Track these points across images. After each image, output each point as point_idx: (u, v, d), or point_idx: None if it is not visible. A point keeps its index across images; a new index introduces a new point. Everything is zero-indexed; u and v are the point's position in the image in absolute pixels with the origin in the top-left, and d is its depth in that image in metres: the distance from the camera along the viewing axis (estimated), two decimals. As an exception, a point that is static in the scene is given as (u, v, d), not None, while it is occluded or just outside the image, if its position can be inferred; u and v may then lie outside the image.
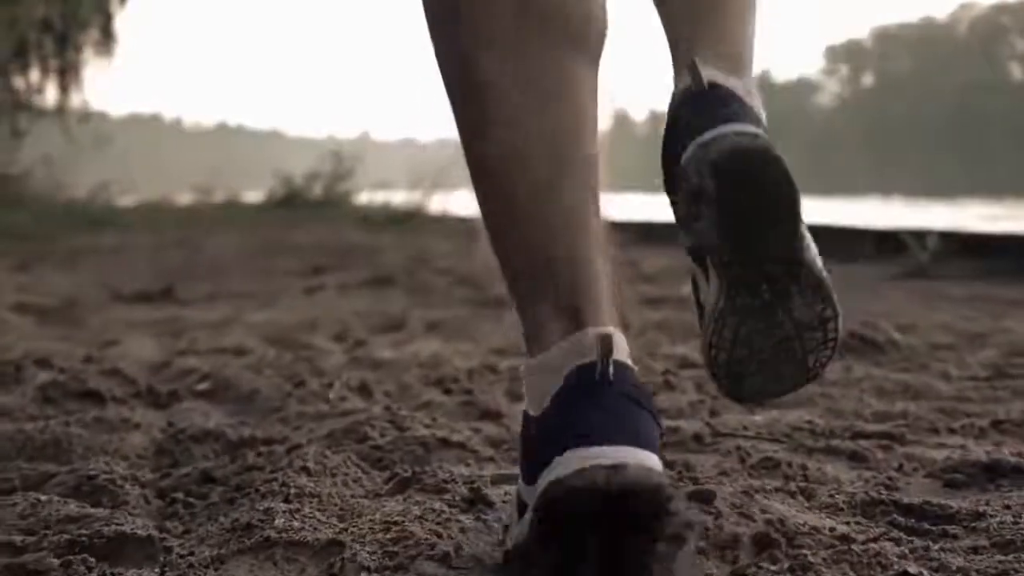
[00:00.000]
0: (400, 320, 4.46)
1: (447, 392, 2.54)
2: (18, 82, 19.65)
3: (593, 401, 1.38)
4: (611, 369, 1.41)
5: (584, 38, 1.48)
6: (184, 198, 19.96)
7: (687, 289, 4.80)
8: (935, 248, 7.28)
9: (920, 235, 7.61)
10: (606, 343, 1.43)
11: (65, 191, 17.14)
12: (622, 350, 1.46)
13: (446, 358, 2.97)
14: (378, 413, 2.11)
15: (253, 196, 19.36)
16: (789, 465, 1.85)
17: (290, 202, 16.86)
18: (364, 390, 2.52)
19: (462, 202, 14.78)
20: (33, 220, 12.27)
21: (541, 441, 1.37)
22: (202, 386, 2.60)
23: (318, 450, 1.83)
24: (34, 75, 20.00)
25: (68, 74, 19.85)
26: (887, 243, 8.13)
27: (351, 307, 5.05)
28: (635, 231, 9.89)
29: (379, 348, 3.32)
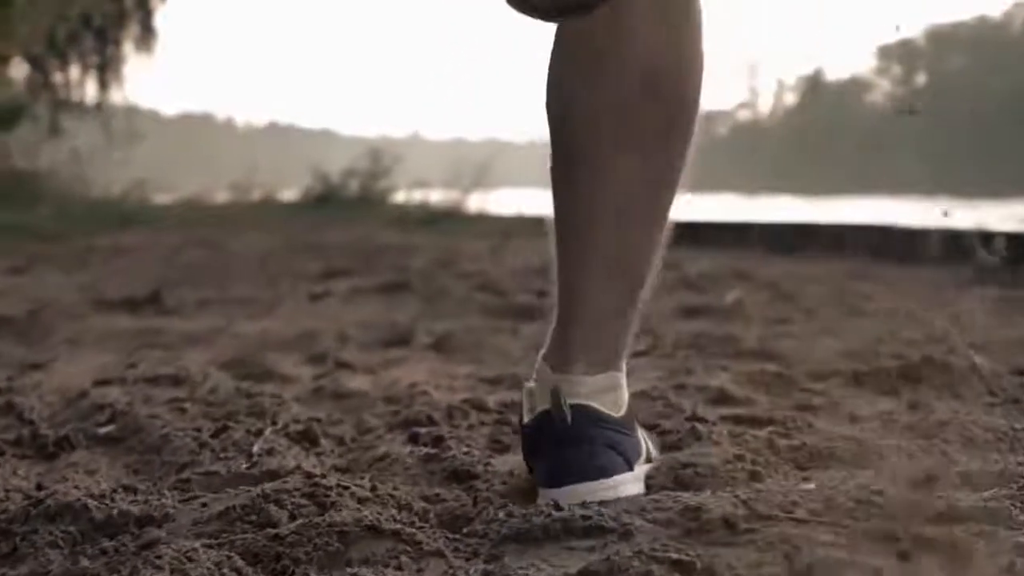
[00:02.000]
0: (405, 332, 3.94)
1: (412, 440, 1.99)
2: (58, 78, 19.32)
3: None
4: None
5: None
6: (221, 196, 19.60)
7: (731, 297, 4.21)
8: (1003, 251, 6.69)
9: (988, 237, 7.01)
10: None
11: (98, 188, 16.82)
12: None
13: (426, 390, 2.43)
14: (295, 483, 1.55)
15: (292, 194, 18.91)
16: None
17: (326, 200, 16.37)
18: (306, 438, 1.98)
19: (501, 200, 14.29)
20: (54, 218, 11.85)
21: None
22: (106, 429, 2.07)
23: (186, 545, 1.29)
24: (74, 72, 19.69)
25: (108, 70, 19.48)
26: (949, 245, 7.57)
27: (355, 316, 4.54)
28: (679, 231, 9.37)
29: (355, 374, 2.79)
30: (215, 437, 1.93)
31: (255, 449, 1.83)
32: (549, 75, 1.64)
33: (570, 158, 1.63)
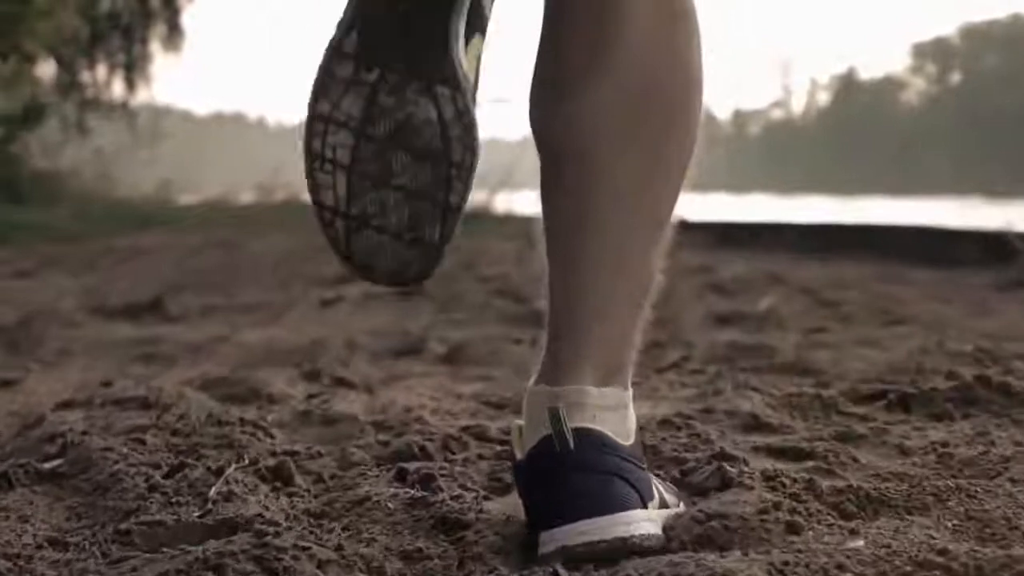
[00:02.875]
0: (416, 342, 3.71)
1: (399, 477, 1.73)
2: (85, 77, 19.14)
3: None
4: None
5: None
6: (246, 196, 19.42)
7: (764, 304, 3.94)
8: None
9: (1030, 238, 6.71)
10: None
11: (123, 188, 16.68)
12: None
13: (423, 415, 2.17)
14: (243, 542, 1.29)
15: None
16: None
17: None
18: (278, 476, 1.72)
19: (530, 201, 13.96)
20: (74, 218, 11.65)
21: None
22: (52, 464, 1.81)
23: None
24: (101, 71, 19.51)
25: (134, 69, 19.31)
26: (990, 246, 7.29)
27: (365, 324, 4.30)
28: (712, 233, 9.19)
29: (350, 392, 2.54)
30: (169, 477, 1.67)
31: (212, 493, 1.57)
32: (537, 75, 1.56)
33: (563, 159, 1.53)
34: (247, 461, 1.72)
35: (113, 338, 3.87)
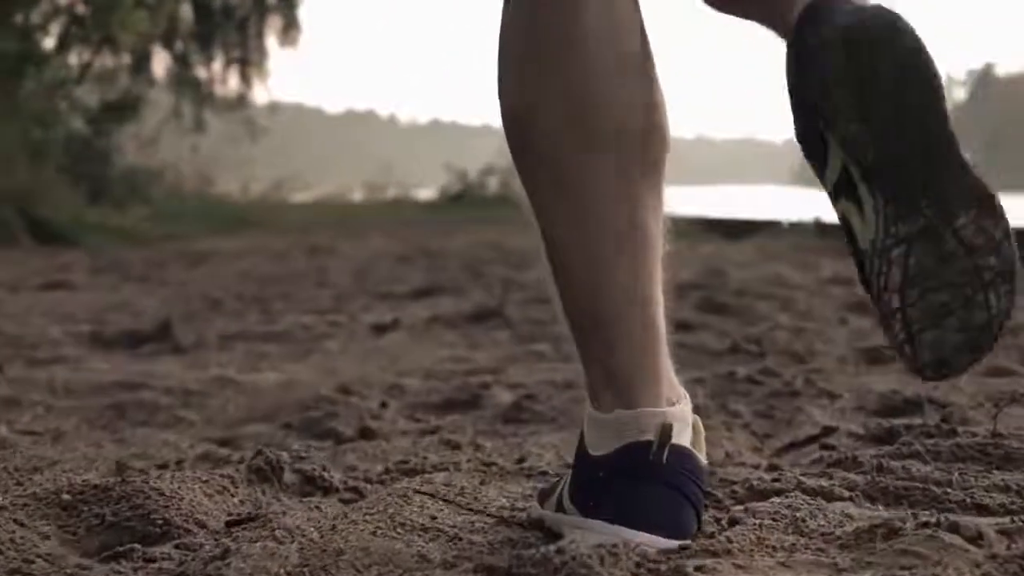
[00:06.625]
0: (476, 389, 2.83)
1: None
2: (201, 72, 18.68)
3: (640, 484, 1.46)
4: (664, 455, 1.46)
5: (637, 150, 1.52)
6: (356, 195, 18.96)
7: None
8: None
9: None
10: (665, 433, 1.46)
11: (230, 186, 16.22)
12: (677, 430, 1.49)
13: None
14: None
15: (431, 193, 18.07)
16: None
17: (461, 199, 15.35)
18: None
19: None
20: (162, 219, 10.97)
21: (591, 486, 1.50)
22: None
23: None
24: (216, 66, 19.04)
25: (250, 64, 18.86)
26: None
27: (419, 359, 3.42)
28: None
29: (309, 511, 1.56)
30: None
31: None
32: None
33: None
34: None
35: (84, 381, 3.02)
